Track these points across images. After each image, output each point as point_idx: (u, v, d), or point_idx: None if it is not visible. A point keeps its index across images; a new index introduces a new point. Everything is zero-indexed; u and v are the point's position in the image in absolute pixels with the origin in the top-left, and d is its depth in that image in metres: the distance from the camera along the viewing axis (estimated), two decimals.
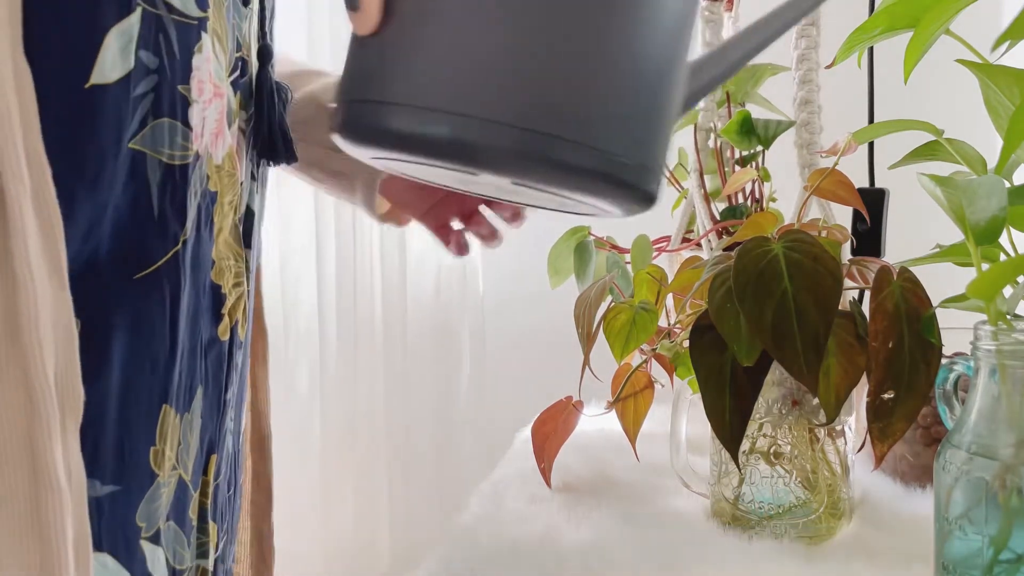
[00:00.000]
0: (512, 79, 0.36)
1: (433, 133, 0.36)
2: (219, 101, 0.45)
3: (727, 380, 0.56)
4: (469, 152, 0.36)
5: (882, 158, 0.82)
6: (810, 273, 0.54)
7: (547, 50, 0.36)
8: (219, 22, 0.44)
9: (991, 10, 1.05)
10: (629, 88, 0.37)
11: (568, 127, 0.36)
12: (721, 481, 0.64)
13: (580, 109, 0.36)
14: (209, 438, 0.49)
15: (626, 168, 0.37)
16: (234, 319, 0.50)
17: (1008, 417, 0.46)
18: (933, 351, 0.54)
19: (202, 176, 0.44)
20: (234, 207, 0.49)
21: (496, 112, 0.35)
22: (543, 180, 0.38)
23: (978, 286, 0.47)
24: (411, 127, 0.36)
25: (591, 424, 0.81)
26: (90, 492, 0.39)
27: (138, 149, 0.39)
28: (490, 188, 0.43)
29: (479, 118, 0.35)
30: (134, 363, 0.41)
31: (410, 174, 0.46)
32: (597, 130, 0.36)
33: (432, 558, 0.61)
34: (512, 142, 0.35)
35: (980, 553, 0.46)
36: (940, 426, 0.68)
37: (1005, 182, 0.49)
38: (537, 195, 0.42)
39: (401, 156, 0.38)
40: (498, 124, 0.35)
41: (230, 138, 0.47)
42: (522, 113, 0.35)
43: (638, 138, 0.38)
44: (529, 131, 0.35)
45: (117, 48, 0.37)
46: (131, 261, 0.41)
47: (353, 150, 0.40)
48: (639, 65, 0.38)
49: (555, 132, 0.35)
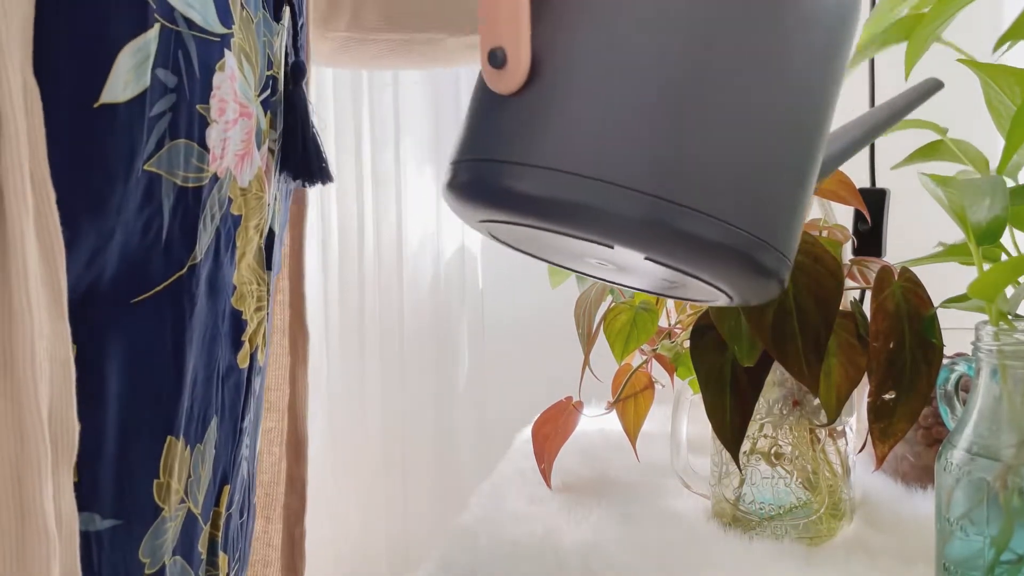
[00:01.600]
0: (661, 149, 0.34)
1: (575, 199, 0.34)
2: (246, 121, 0.43)
3: (728, 380, 0.56)
4: (609, 221, 0.34)
5: (883, 158, 0.82)
6: (811, 273, 0.54)
7: (701, 124, 0.35)
8: (247, 39, 0.42)
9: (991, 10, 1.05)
10: (780, 169, 0.36)
11: (715, 203, 0.34)
12: (722, 482, 0.64)
13: (731, 186, 0.35)
14: (223, 468, 0.47)
15: (766, 251, 0.36)
16: (254, 345, 0.49)
17: (1009, 417, 0.46)
18: (934, 351, 0.54)
19: (222, 199, 0.42)
20: (260, 231, 0.47)
21: (641, 182, 0.34)
22: (681, 258, 0.36)
23: (979, 286, 0.46)
24: (551, 191, 0.34)
25: (591, 424, 0.81)
26: (89, 526, 0.38)
27: (154, 172, 0.37)
28: (596, 265, 0.42)
29: (621, 187, 0.34)
30: (133, 393, 0.39)
31: (518, 245, 0.44)
32: (745, 209, 0.35)
33: (432, 558, 0.61)
34: (657, 215, 0.34)
35: (981, 554, 0.46)
36: (941, 426, 0.68)
37: (1007, 181, 0.49)
38: (653, 277, 0.40)
39: (530, 221, 0.36)
40: (643, 195, 0.34)
41: (259, 160, 0.45)
42: (668, 185, 0.34)
43: (781, 222, 0.37)
44: (674, 204, 0.34)
45: (131, 65, 0.35)
46: (131, 285, 0.38)
47: (466, 210, 0.39)
48: (791, 146, 0.37)
49: (701, 208, 0.34)
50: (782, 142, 0.36)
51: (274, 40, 0.46)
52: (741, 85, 0.35)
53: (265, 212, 0.47)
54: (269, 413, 0.62)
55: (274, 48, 0.46)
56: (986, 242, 0.47)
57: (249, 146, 0.44)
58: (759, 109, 0.36)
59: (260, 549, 0.62)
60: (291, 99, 0.49)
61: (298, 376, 0.63)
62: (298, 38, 0.50)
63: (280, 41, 0.47)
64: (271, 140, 0.47)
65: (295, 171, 0.50)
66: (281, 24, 0.47)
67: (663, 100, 0.35)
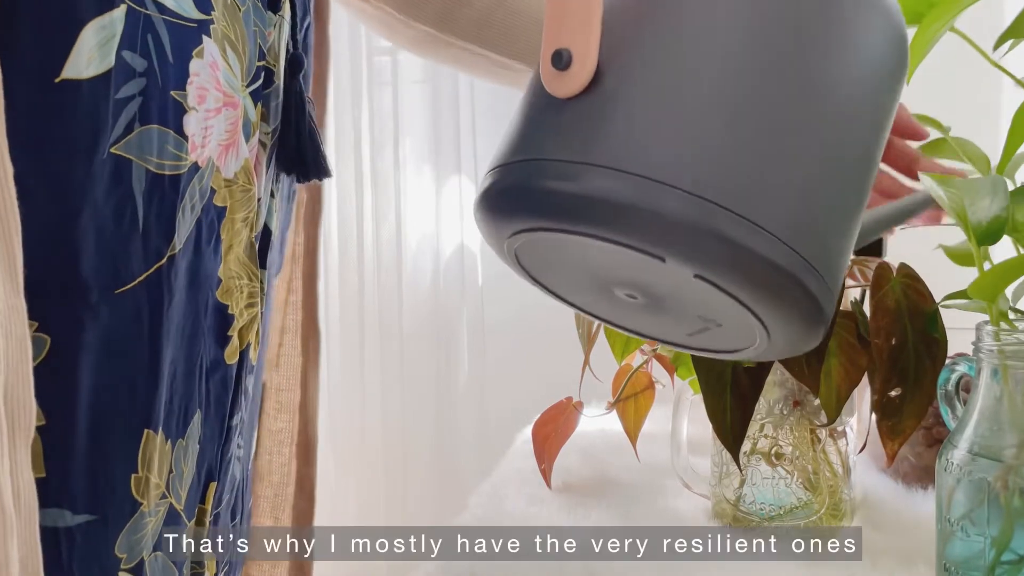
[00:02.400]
0: (725, 157, 0.33)
1: (632, 200, 0.33)
2: (231, 111, 0.42)
3: (728, 381, 0.56)
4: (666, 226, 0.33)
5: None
6: None
7: (767, 140, 0.34)
8: (232, 27, 0.42)
9: (993, 9, 1.05)
10: (843, 197, 0.36)
11: (774, 221, 0.33)
12: (722, 482, 0.64)
13: (792, 207, 0.34)
14: (208, 465, 0.47)
15: (816, 279, 0.34)
16: (245, 341, 0.48)
17: (1010, 418, 0.46)
18: (938, 347, 0.54)
19: (204, 189, 0.42)
20: (249, 224, 0.46)
21: (702, 188, 0.33)
22: (732, 275, 0.34)
23: (979, 286, 0.46)
24: (608, 191, 0.33)
25: (591, 424, 0.81)
26: (59, 521, 0.37)
27: (122, 155, 0.37)
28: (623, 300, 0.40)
29: (681, 190, 0.33)
30: (107, 385, 0.38)
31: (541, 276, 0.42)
32: (802, 233, 0.34)
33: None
34: (715, 223, 0.32)
35: (982, 554, 0.46)
36: (942, 426, 0.68)
37: (1008, 181, 0.49)
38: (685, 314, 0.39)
39: (579, 226, 0.35)
40: (704, 201, 0.32)
41: (246, 151, 0.44)
42: (729, 195, 0.33)
43: (833, 254, 0.36)
44: (734, 215, 0.33)
45: (95, 43, 0.35)
46: (109, 275, 0.38)
47: (503, 219, 0.37)
48: (849, 176, 0.36)
49: (760, 222, 0.33)
50: (841, 171, 0.36)
51: (268, 31, 0.46)
52: (806, 107, 0.35)
53: (254, 205, 0.46)
54: (280, 414, 0.62)
55: (267, 39, 0.46)
56: (987, 242, 0.47)
57: (235, 136, 0.43)
58: (822, 134, 0.35)
59: None
60: (287, 91, 0.48)
61: (309, 377, 0.63)
62: (296, 32, 0.49)
63: (277, 33, 0.47)
64: (262, 132, 0.47)
65: (287, 165, 0.50)
66: (280, 16, 0.47)
67: (727, 109, 0.34)
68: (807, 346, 0.38)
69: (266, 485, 0.62)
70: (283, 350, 0.62)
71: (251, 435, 0.54)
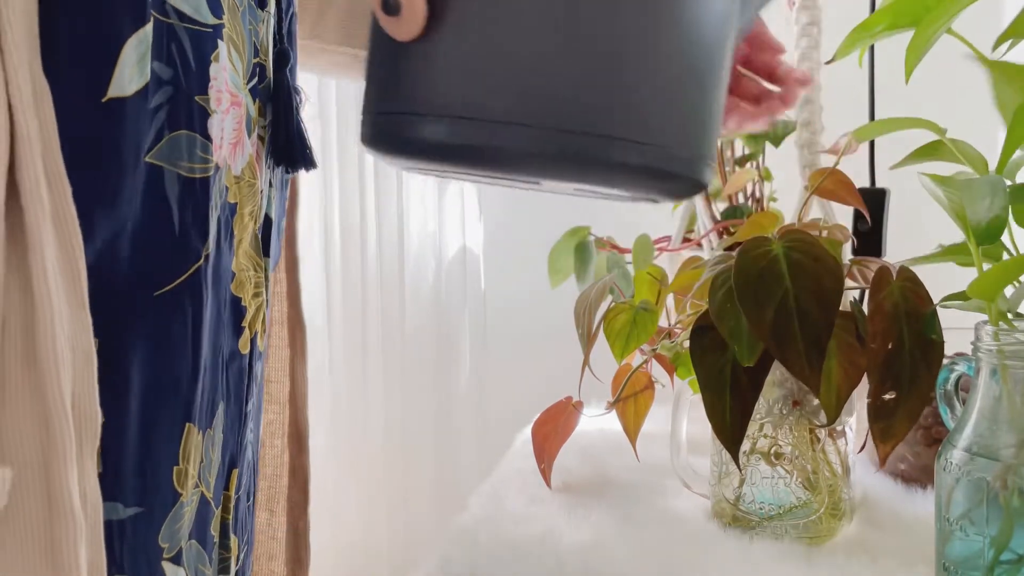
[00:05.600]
0: (560, 84, 0.35)
1: (481, 142, 0.35)
2: (237, 110, 0.43)
3: (728, 380, 0.56)
4: (523, 161, 0.35)
5: (883, 157, 0.82)
6: (811, 273, 0.54)
7: (593, 52, 0.35)
8: (235, 28, 0.43)
9: (992, 10, 1.05)
10: (678, 81, 0.37)
11: (620, 126, 0.35)
12: (722, 482, 0.64)
13: (631, 107, 0.36)
14: (231, 452, 0.48)
15: (679, 161, 0.37)
16: (253, 330, 0.49)
17: (1009, 417, 0.46)
18: (934, 351, 0.54)
19: (221, 188, 0.43)
20: (254, 217, 0.48)
21: (546, 119, 0.35)
22: (600, 182, 0.37)
23: (979, 286, 0.46)
24: (458, 138, 0.35)
25: (591, 424, 0.81)
26: (112, 515, 0.38)
27: (154, 163, 0.38)
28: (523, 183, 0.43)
29: (529, 126, 0.34)
30: (156, 383, 0.40)
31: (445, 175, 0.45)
32: (649, 126, 0.36)
33: (432, 558, 0.61)
34: (566, 148, 0.35)
35: (981, 554, 0.46)
36: (941, 426, 0.68)
37: (1006, 181, 0.49)
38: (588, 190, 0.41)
39: (444, 168, 0.38)
40: (550, 130, 0.34)
41: (250, 147, 0.46)
42: (572, 117, 0.35)
43: (688, 129, 0.38)
44: (581, 134, 0.35)
45: (135, 59, 0.36)
46: (152, 278, 0.39)
47: (386, 160, 0.39)
48: (686, 60, 0.37)
49: (607, 132, 0.35)
50: (679, 54, 0.37)
51: (259, 27, 0.46)
52: (632, 19, 0.36)
53: (258, 199, 0.48)
54: (269, 405, 0.63)
55: (260, 36, 0.47)
56: (986, 242, 0.47)
57: (240, 134, 0.44)
58: (649, 30, 0.36)
59: (264, 542, 0.62)
60: (276, 85, 0.49)
61: (297, 368, 0.63)
62: (282, 26, 0.50)
63: (266, 28, 0.47)
64: (260, 127, 0.48)
65: (277, 156, 0.51)
66: (266, 11, 0.47)
67: (555, 34, 0.35)
68: (704, 190, 0.41)
69: (261, 477, 0.62)
70: (271, 341, 0.62)
71: (259, 419, 0.55)
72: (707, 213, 0.86)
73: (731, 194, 0.85)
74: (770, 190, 0.88)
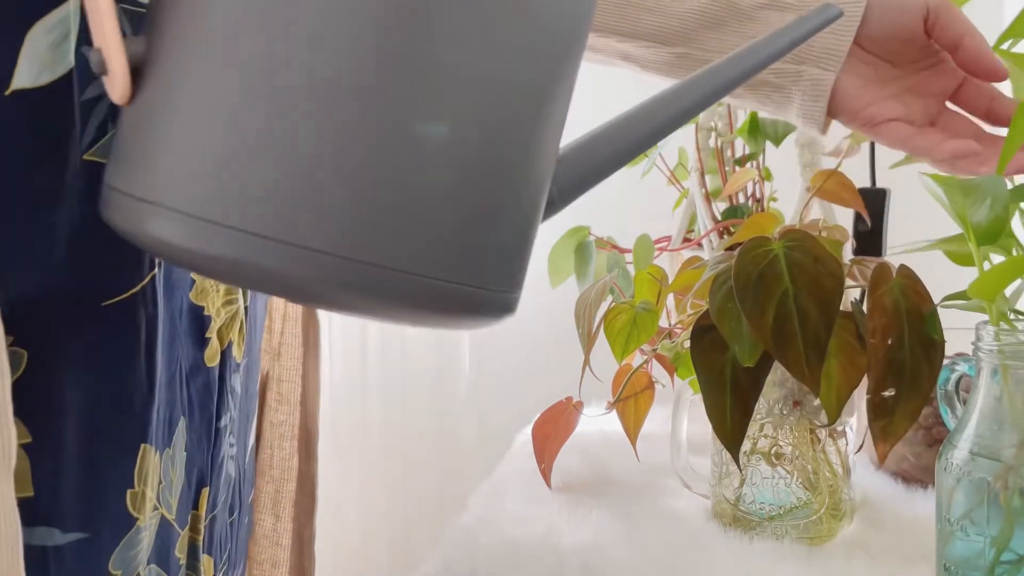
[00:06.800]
0: (325, 193, 0.26)
1: (218, 253, 0.26)
2: None
3: (728, 380, 0.56)
4: (278, 282, 0.28)
5: (883, 157, 0.82)
6: (811, 273, 0.54)
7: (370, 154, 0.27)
8: None
9: (992, 10, 1.05)
10: (479, 211, 0.29)
11: (398, 257, 0.28)
12: (722, 482, 0.64)
13: (413, 235, 0.28)
14: (199, 471, 0.46)
15: (480, 294, 0.30)
16: (225, 340, 0.46)
17: (1010, 418, 0.46)
18: (935, 348, 0.54)
19: None
20: None
21: (303, 236, 0.26)
22: (371, 314, 0.30)
23: (979, 286, 0.46)
24: (191, 242, 0.27)
25: (591, 425, 0.81)
26: (47, 540, 0.36)
27: (96, 160, 0.35)
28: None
29: (278, 240, 0.26)
30: (98, 401, 0.36)
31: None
32: (434, 258, 0.28)
33: (432, 558, 0.61)
34: (332, 273, 0.27)
35: (982, 554, 0.46)
36: (942, 427, 0.68)
37: (1007, 181, 0.49)
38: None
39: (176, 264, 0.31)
40: (310, 251, 0.26)
41: None
42: (339, 238, 0.27)
43: (490, 262, 0.30)
44: (348, 260, 0.27)
45: (47, 45, 0.32)
46: (97, 288, 0.36)
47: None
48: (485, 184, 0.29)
49: (383, 262, 0.27)
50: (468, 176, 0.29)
51: None
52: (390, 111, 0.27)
53: None
54: (280, 406, 0.61)
55: None
56: (987, 242, 0.47)
57: None
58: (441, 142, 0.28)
59: (268, 548, 0.62)
60: None
61: (310, 368, 0.62)
62: None
63: None
64: None
65: None
66: None
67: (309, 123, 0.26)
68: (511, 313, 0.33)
69: (267, 480, 0.61)
70: (284, 338, 0.61)
71: (246, 431, 0.53)
72: (707, 213, 0.86)
73: (731, 194, 0.85)
74: (770, 190, 0.88)
